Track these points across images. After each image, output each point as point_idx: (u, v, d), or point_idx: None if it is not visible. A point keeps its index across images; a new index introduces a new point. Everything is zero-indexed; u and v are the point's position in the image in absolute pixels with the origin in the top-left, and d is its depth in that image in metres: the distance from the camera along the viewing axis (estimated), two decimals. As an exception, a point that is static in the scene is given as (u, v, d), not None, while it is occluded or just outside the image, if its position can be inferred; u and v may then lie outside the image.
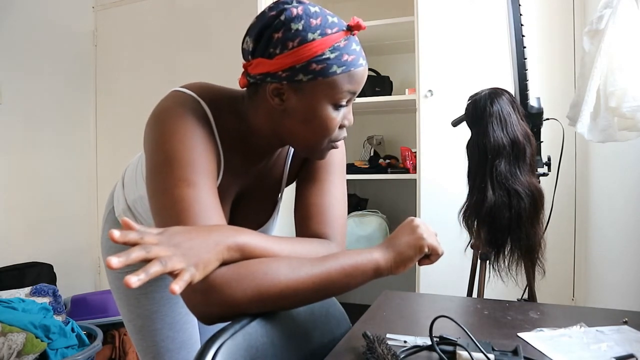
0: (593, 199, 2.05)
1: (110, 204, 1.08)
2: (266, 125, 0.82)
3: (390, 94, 2.77)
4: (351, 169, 2.66)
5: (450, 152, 2.15)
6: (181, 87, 0.82)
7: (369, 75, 2.81)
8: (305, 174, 0.92)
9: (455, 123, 1.53)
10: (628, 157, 1.60)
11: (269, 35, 0.75)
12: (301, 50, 0.73)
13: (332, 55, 0.74)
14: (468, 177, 1.42)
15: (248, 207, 0.94)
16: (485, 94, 1.40)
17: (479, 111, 1.38)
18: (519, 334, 0.83)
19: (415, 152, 2.46)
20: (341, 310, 0.98)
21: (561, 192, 1.63)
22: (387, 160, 2.71)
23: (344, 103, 0.78)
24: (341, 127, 0.81)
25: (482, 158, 1.36)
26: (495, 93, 1.40)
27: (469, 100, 1.45)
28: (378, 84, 2.77)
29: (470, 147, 1.41)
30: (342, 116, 0.79)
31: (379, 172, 2.60)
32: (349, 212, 2.67)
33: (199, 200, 0.70)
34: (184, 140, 0.73)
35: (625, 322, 0.88)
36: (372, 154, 2.82)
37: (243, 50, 0.81)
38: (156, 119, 0.77)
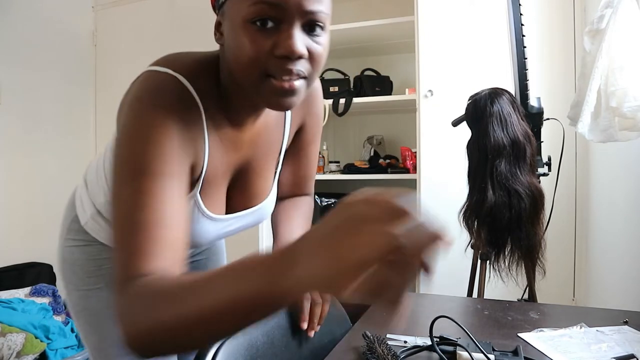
0: (593, 199, 2.04)
1: (71, 211, 0.96)
2: (227, 74, 0.72)
3: (391, 94, 2.77)
4: (351, 168, 2.66)
5: (451, 152, 2.15)
6: (154, 65, 0.71)
7: (369, 75, 2.86)
8: (297, 141, 0.92)
9: (456, 123, 1.52)
10: (629, 157, 1.60)
11: None
12: None
13: None
14: (468, 177, 1.42)
15: (249, 181, 0.85)
16: (485, 94, 1.40)
17: (479, 111, 1.38)
18: (519, 334, 0.83)
19: (415, 152, 2.47)
20: (341, 310, 0.97)
21: (562, 192, 1.62)
22: (387, 160, 2.71)
23: (262, 20, 0.62)
24: (282, 57, 0.63)
25: (483, 158, 1.36)
26: (495, 93, 1.40)
27: (469, 100, 1.45)
28: (378, 83, 2.77)
29: (470, 147, 1.41)
30: (272, 40, 0.62)
31: (379, 172, 2.59)
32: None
33: (159, 195, 0.61)
34: (156, 137, 0.63)
35: (626, 322, 0.88)
36: (372, 154, 2.82)
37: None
38: (129, 109, 0.67)
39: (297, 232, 0.92)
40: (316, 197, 2.65)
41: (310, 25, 0.64)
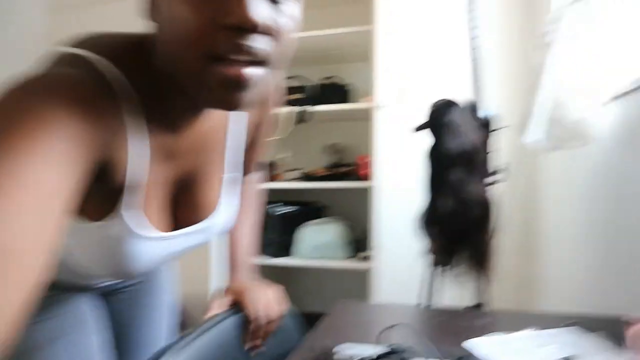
0: (543, 205, 2.12)
1: None
2: (161, 62, 0.54)
3: (347, 102, 2.79)
4: (310, 177, 2.65)
5: (406, 160, 2.20)
6: (72, 45, 0.55)
7: (329, 84, 2.88)
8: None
9: (418, 129, 1.55)
10: (575, 165, 1.67)
11: None
12: None
13: None
14: (427, 182, 1.44)
15: (193, 193, 0.70)
16: (440, 104, 1.43)
17: (435, 121, 1.41)
18: (469, 340, 0.84)
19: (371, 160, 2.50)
20: (294, 321, 0.96)
21: (513, 199, 1.67)
22: (345, 168, 2.72)
23: None
24: (233, 28, 0.47)
25: (437, 167, 1.38)
26: (450, 103, 1.43)
27: (430, 108, 1.48)
28: (337, 92, 2.79)
29: (428, 155, 1.43)
30: (220, 5, 0.46)
31: (335, 180, 2.60)
32: (309, 220, 2.69)
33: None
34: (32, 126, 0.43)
35: (575, 324, 0.91)
36: (330, 163, 2.83)
37: None
38: (6, 91, 0.45)
39: (245, 243, 0.92)
40: (273, 205, 2.63)
41: None
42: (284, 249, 2.62)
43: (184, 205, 0.70)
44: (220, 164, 0.73)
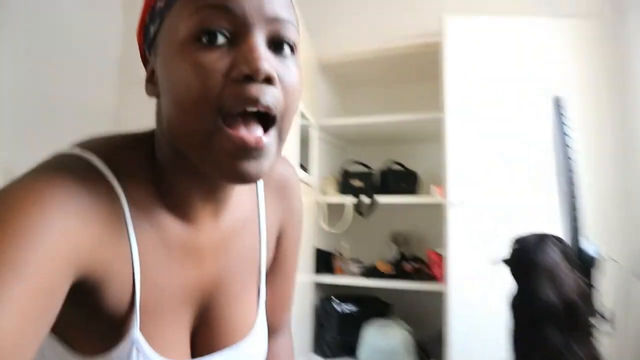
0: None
1: None
2: (165, 140, 0.52)
3: (416, 191, 2.58)
4: (375, 273, 2.43)
5: (484, 261, 1.92)
6: (77, 146, 0.51)
7: (395, 170, 2.70)
8: (276, 250, 0.70)
9: (501, 263, 1.30)
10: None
11: None
12: None
13: None
14: (511, 340, 1.18)
15: (221, 310, 0.59)
16: (531, 242, 1.19)
17: (525, 263, 1.17)
18: None
19: (443, 258, 2.24)
20: None
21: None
22: (413, 264, 2.47)
23: (209, 32, 0.45)
24: (242, 80, 0.45)
25: (529, 321, 1.13)
26: (543, 240, 1.18)
27: (513, 245, 1.24)
28: (404, 179, 2.59)
29: (514, 304, 1.18)
30: (226, 61, 0.45)
31: (404, 278, 2.36)
32: (371, 318, 2.45)
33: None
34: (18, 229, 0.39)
35: None
36: (397, 256, 2.60)
37: None
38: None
39: None
40: (336, 302, 2.42)
41: (277, 43, 0.48)
42: (344, 350, 2.39)
43: (207, 325, 0.58)
44: (254, 270, 0.63)
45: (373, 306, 2.53)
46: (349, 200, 2.46)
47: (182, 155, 0.50)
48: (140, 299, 0.50)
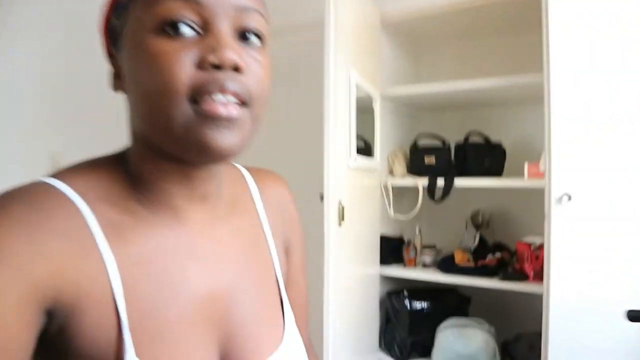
0: None
1: None
2: (136, 135, 0.53)
3: (501, 167, 2.18)
4: (451, 267, 2.10)
5: (598, 259, 1.53)
6: (53, 175, 0.49)
7: (475, 143, 2.30)
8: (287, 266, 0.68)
9: (634, 318, 0.95)
10: None
11: None
12: None
13: None
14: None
15: (240, 317, 0.55)
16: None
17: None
18: None
19: (538, 254, 1.87)
20: None
21: None
22: (497, 254, 2.11)
23: (173, 23, 0.45)
24: (210, 69, 0.45)
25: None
26: None
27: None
28: (486, 153, 2.19)
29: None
30: (192, 51, 0.46)
31: (485, 275, 2.01)
32: (447, 317, 2.15)
33: None
34: None
35: None
36: (476, 242, 2.24)
37: None
38: None
39: None
40: (405, 297, 2.13)
41: (244, 33, 0.49)
42: (416, 350, 2.12)
43: (227, 340, 0.53)
44: (271, 282, 0.61)
45: (449, 300, 2.22)
46: (419, 182, 2.11)
47: (159, 149, 0.49)
48: (131, 319, 0.46)
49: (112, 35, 0.52)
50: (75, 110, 2.20)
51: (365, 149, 2.06)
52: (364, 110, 2.03)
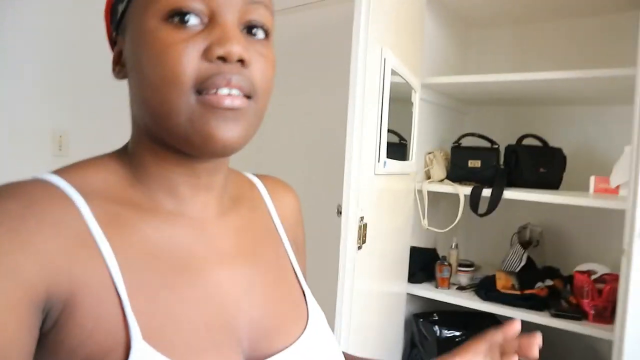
0: None
1: None
2: (138, 120, 0.51)
3: (559, 177, 1.84)
4: (491, 294, 1.77)
5: None
6: (55, 172, 0.48)
7: (529, 146, 1.94)
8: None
9: None
10: None
11: None
12: None
13: None
14: None
15: (261, 305, 0.53)
16: None
17: None
18: None
19: (601, 289, 1.53)
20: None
21: None
22: (547, 282, 1.77)
23: (180, 14, 0.44)
24: (215, 61, 0.44)
25: None
26: None
27: None
28: (541, 159, 1.85)
29: None
30: (198, 42, 0.44)
31: (532, 307, 1.68)
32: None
33: None
34: None
35: None
36: (523, 263, 1.90)
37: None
38: None
39: None
40: (436, 321, 1.83)
41: (250, 26, 0.48)
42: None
43: (251, 330, 0.51)
44: (282, 254, 0.61)
45: (486, 329, 1.89)
46: (460, 190, 1.78)
47: (162, 140, 0.49)
48: (134, 303, 0.43)
49: (115, 19, 0.51)
50: (80, 87, 2.10)
51: (398, 146, 1.75)
52: (400, 100, 1.71)
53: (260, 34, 0.49)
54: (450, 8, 2.00)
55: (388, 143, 1.47)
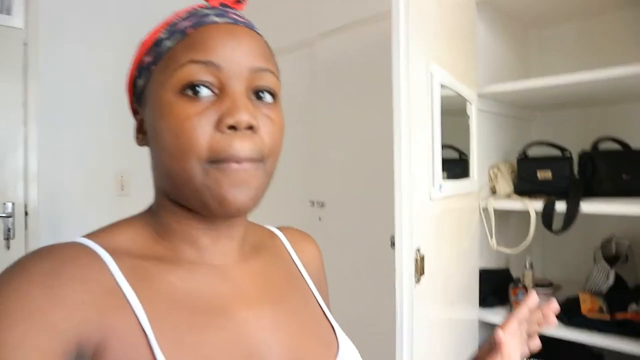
0: None
1: None
2: (160, 188, 0.55)
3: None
4: (575, 319, 1.58)
5: None
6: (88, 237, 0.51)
7: (609, 151, 1.58)
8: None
9: None
10: None
11: None
12: (137, 52, 0.55)
13: (164, 35, 0.52)
14: None
15: (294, 345, 0.54)
16: None
17: None
18: None
19: None
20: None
21: None
22: (637, 306, 1.56)
23: (193, 86, 0.49)
24: (223, 128, 0.48)
25: None
26: None
27: None
28: (625, 165, 1.65)
29: None
30: (210, 114, 0.49)
31: (625, 333, 1.48)
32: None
33: None
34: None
35: None
36: (610, 282, 1.69)
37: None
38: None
39: None
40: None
41: (258, 91, 0.52)
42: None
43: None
44: (307, 294, 0.63)
45: (573, 358, 1.70)
46: (530, 205, 1.63)
47: (179, 201, 0.53)
48: (163, 346, 0.45)
49: (136, 92, 0.55)
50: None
51: (459, 162, 1.62)
52: (458, 114, 1.59)
53: (268, 98, 0.53)
54: (504, 10, 1.86)
55: (447, 160, 1.36)
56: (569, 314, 1.61)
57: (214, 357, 0.48)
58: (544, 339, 1.66)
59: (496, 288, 1.79)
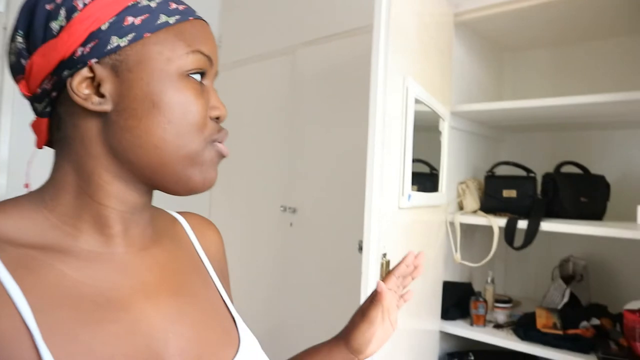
0: None
1: None
2: (86, 174, 0.50)
3: (603, 207, 1.72)
4: (530, 333, 1.65)
5: None
6: None
7: (569, 174, 1.78)
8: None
9: None
10: None
11: (42, 8, 0.47)
12: (108, 4, 0.48)
13: (153, 4, 0.49)
14: None
15: (194, 336, 0.53)
16: None
17: None
18: None
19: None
20: None
21: None
22: (593, 321, 1.64)
23: (200, 73, 0.52)
24: (212, 115, 0.54)
25: None
26: None
27: None
28: (583, 188, 1.73)
29: None
30: (207, 104, 0.53)
31: (577, 349, 1.55)
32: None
33: None
34: None
35: None
36: (565, 299, 1.77)
37: (12, 66, 0.50)
38: None
39: None
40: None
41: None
42: None
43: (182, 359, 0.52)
44: (208, 282, 0.62)
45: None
46: (494, 222, 1.69)
47: (152, 178, 0.52)
48: (48, 341, 0.42)
49: (102, 49, 0.48)
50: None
51: (429, 176, 1.68)
52: (431, 130, 1.65)
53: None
54: (481, 33, 1.94)
55: (418, 174, 1.40)
56: (525, 328, 1.67)
57: (107, 353, 0.45)
58: (501, 352, 1.73)
59: (459, 301, 1.85)
